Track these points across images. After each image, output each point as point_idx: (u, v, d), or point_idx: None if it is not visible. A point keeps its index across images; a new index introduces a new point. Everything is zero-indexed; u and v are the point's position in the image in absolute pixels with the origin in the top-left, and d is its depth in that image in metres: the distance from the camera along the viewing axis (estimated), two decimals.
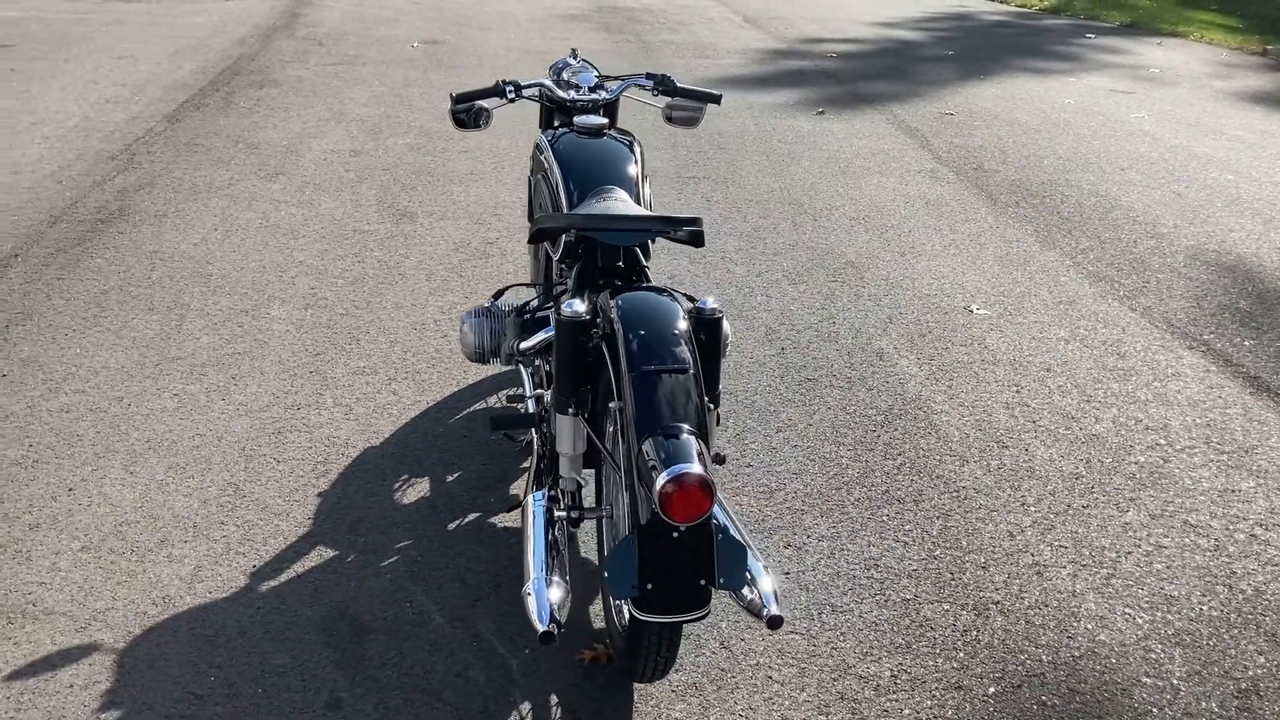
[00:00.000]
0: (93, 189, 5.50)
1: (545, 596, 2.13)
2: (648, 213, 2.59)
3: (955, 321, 4.34)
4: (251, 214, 5.22)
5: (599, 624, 2.63)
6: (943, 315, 4.40)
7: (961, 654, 2.60)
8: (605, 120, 3.01)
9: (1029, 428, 3.59)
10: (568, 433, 2.33)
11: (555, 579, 2.19)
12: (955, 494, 3.22)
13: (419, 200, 5.51)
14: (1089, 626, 2.70)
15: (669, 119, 3.34)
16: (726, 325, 2.82)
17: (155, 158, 6.04)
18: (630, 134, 3.07)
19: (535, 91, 3.15)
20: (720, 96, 3.23)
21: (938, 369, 3.95)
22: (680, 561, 2.01)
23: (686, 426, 2.03)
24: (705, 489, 1.92)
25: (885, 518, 3.10)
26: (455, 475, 3.21)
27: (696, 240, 2.54)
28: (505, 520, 3.00)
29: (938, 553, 2.96)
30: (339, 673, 2.46)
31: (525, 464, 3.21)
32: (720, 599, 2.62)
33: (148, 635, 2.55)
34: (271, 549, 2.86)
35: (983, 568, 2.91)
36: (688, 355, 2.13)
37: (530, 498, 2.47)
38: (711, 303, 2.28)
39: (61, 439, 3.31)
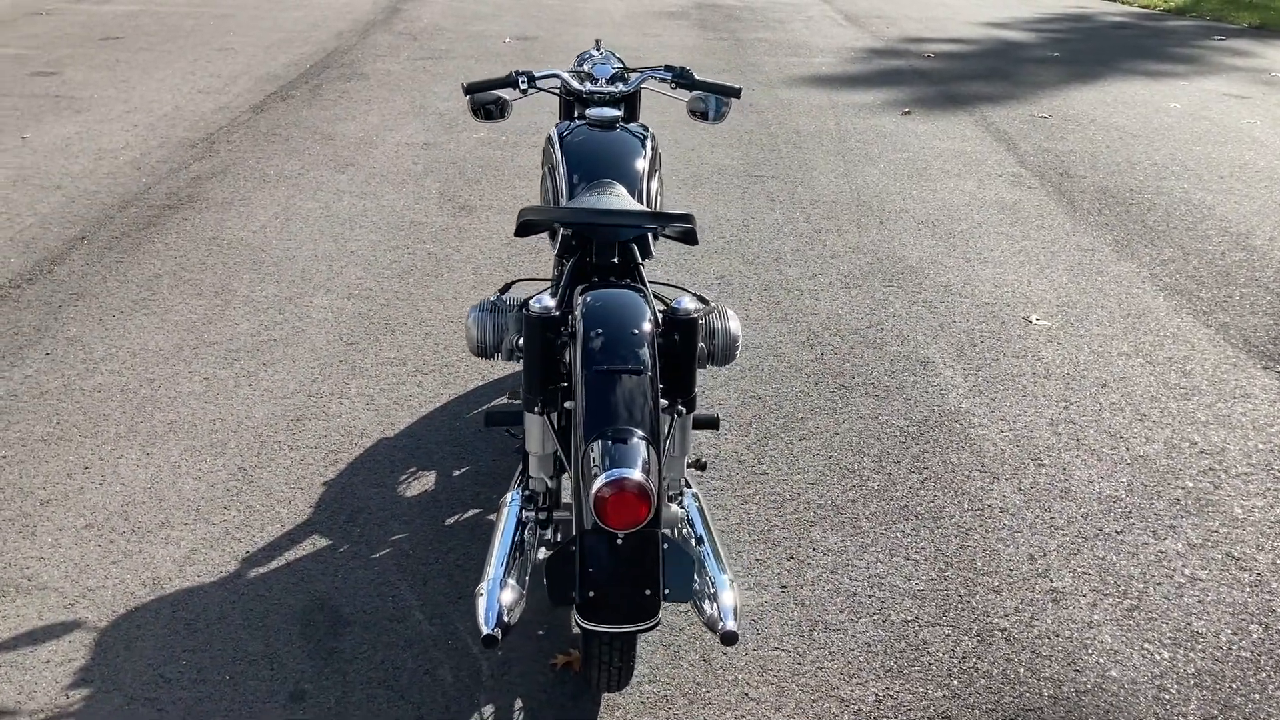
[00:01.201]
0: (168, 175, 5.65)
1: (496, 598, 2.06)
2: (638, 208, 2.51)
3: (1011, 332, 4.15)
4: (314, 204, 5.29)
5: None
6: (999, 325, 4.20)
7: (955, 682, 2.45)
8: (618, 113, 2.93)
9: (1071, 445, 3.40)
10: (535, 432, 2.26)
11: (511, 581, 2.12)
12: (979, 512, 3.06)
13: (480, 194, 5.52)
14: (1100, 660, 2.53)
15: (693, 113, 3.25)
16: (736, 326, 2.72)
17: (234, 146, 6.17)
18: (646, 128, 2.98)
19: (553, 83, 3.09)
20: (739, 91, 3.12)
21: (983, 380, 3.78)
22: (622, 570, 1.92)
23: (637, 431, 1.95)
24: (644, 496, 1.84)
25: (899, 534, 2.96)
26: (463, 470, 3.17)
27: (688, 238, 2.44)
28: None
29: (949, 573, 2.81)
30: (309, 664, 2.44)
31: None
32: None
33: (131, 616, 2.57)
34: (267, 535, 2.86)
35: (995, 591, 2.75)
36: (646, 357, 2.04)
37: (509, 495, 2.41)
38: (687, 302, 2.19)
39: (88, 418, 3.37)
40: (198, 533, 2.87)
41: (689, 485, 2.38)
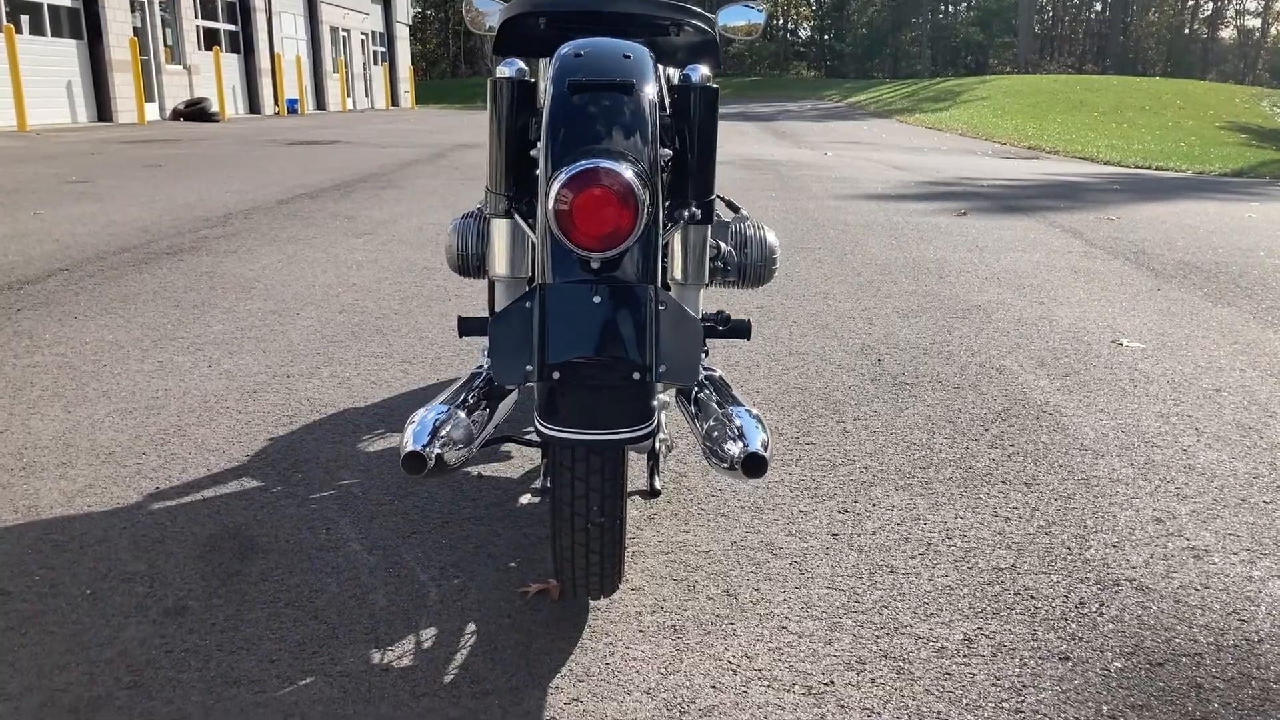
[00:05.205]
0: (174, 236, 5.32)
1: (433, 422, 1.48)
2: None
3: (1099, 350, 3.55)
4: (322, 255, 4.90)
5: None
6: (1084, 346, 3.61)
7: (1074, 625, 1.78)
8: None
9: (1189, 432, 2.76)
10: (502, 242, 1.72)
11: (461, 415, 1.53)
12: (1084, 481, 2.42)
13: None
14: (1274, 612, 1.84)
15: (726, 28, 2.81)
16: (772, 237, 2.22)
17: (250, 221, 5.87)
18: None
19: None
20: None
21: (1073, 383, 3.17)
22: (597, 331, 1.34)
23: (619, 150, 1.40)
24: (626, 196, 1.28)
25: (983, 496, 2.32)
26: None
27: (710, 54, 1.95)
28: (487, 469, 2.36)
29: (1053, 529, 2.16)
30: (199, 583, 1.83)
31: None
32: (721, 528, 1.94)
33: None
34: (185, 476, 2.29)
35: (1114, 546, 2.09)
36: (638, 73, 1.52)
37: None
38: (705, 70, 1.67)
39: (11, 385, 2.87)
40: (102, 472, 2.31)
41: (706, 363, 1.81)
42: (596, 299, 1.35)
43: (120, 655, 1.61)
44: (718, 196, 2.06)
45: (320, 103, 27.24)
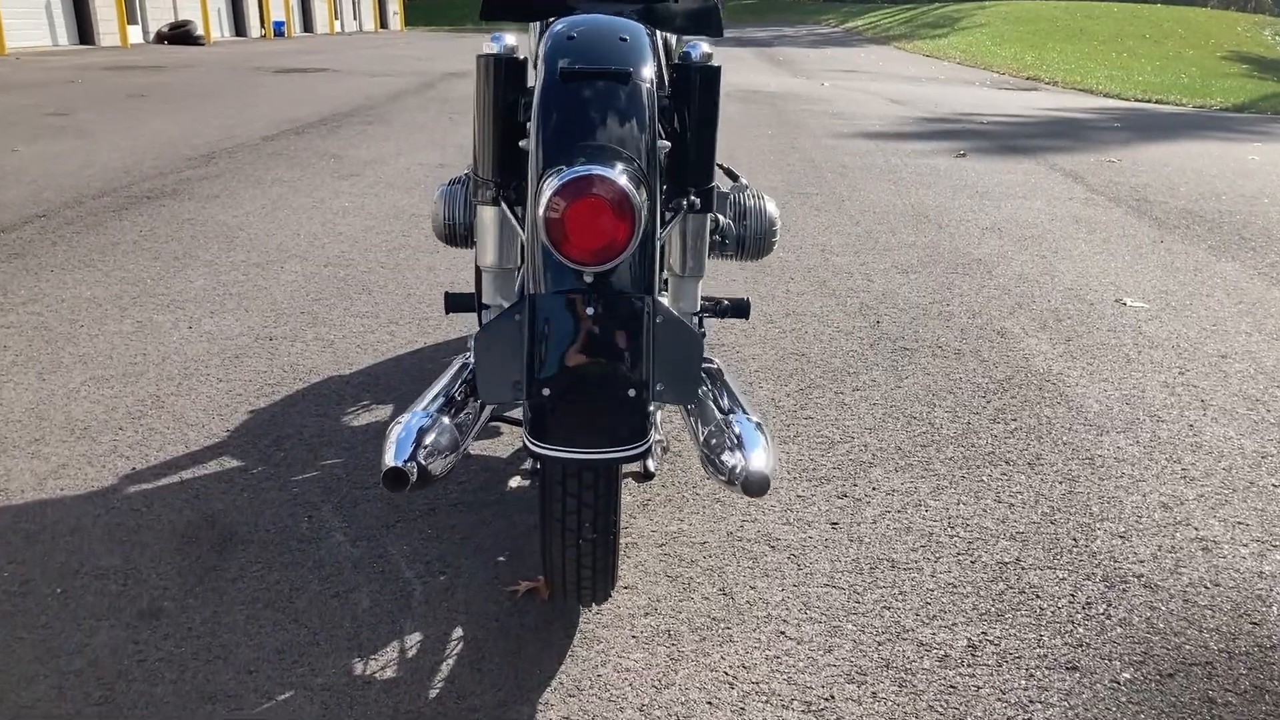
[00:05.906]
0: (155, 177, 5.17)
1: (416, 431, 1.39)
2: None
3: (1103, 311, 3.47)
4: (307, 200, 4.77)
5: None
6: (1087, 305, 3.53)
7: (1081, 629, 1.72)
8: None
9: (1195, 406, 2.69)
10: (489, 233, 1.62)
11: (445, 421, 1.44)
12: (1088, 461, 2.35)
13: None
14: None
15: None
16: (773, 208, 2.11)
17: (234, 160, 5.72)
18: None
19: None
20: None
21: (1076, 349, 3.09)
22: (590, 345, 1.25)
23: (619, 150, 1.30)
24: (621, 207, 1.18)
25: (986, 478, 2.25)
26: None
27: (710, 24, 1.83)
28: (474, 448, 2.28)
29: (1057, 518, 2.09)
30: (176, 581, 1.76)
31: None
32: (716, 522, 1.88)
33: None
34: (164, 455, 2.21)
35: (1121, 537, 2.03)
36: (635, 59, 1.41)
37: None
38: (705, 47, 1.56)
39: None
40: (76, 450, 2.23)
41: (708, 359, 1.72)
42: (590, 311, 1.27)
43: (91, 665, 1.54)
44: (723, 168, 1.96)
45: (307, 25, 26.71)
